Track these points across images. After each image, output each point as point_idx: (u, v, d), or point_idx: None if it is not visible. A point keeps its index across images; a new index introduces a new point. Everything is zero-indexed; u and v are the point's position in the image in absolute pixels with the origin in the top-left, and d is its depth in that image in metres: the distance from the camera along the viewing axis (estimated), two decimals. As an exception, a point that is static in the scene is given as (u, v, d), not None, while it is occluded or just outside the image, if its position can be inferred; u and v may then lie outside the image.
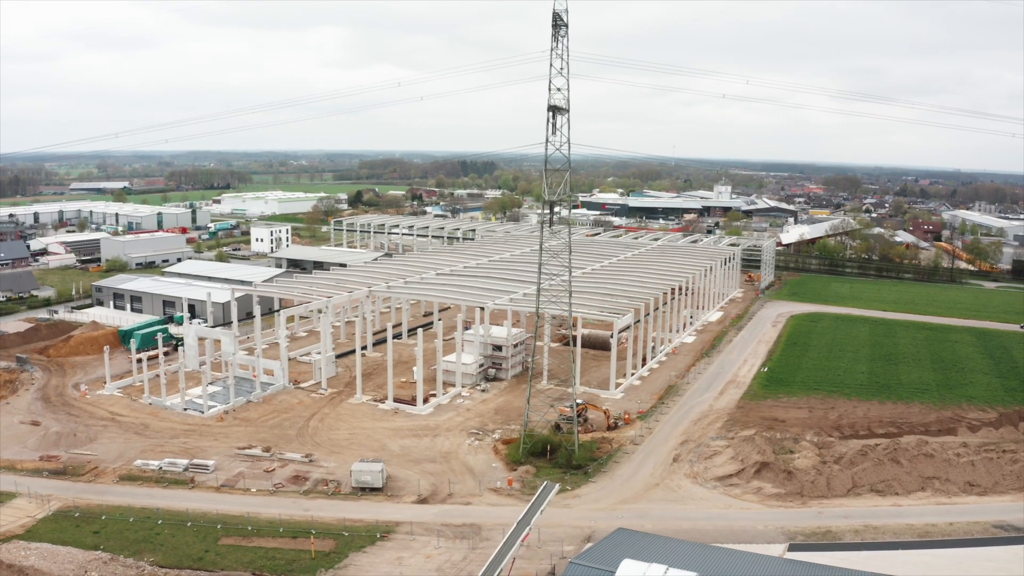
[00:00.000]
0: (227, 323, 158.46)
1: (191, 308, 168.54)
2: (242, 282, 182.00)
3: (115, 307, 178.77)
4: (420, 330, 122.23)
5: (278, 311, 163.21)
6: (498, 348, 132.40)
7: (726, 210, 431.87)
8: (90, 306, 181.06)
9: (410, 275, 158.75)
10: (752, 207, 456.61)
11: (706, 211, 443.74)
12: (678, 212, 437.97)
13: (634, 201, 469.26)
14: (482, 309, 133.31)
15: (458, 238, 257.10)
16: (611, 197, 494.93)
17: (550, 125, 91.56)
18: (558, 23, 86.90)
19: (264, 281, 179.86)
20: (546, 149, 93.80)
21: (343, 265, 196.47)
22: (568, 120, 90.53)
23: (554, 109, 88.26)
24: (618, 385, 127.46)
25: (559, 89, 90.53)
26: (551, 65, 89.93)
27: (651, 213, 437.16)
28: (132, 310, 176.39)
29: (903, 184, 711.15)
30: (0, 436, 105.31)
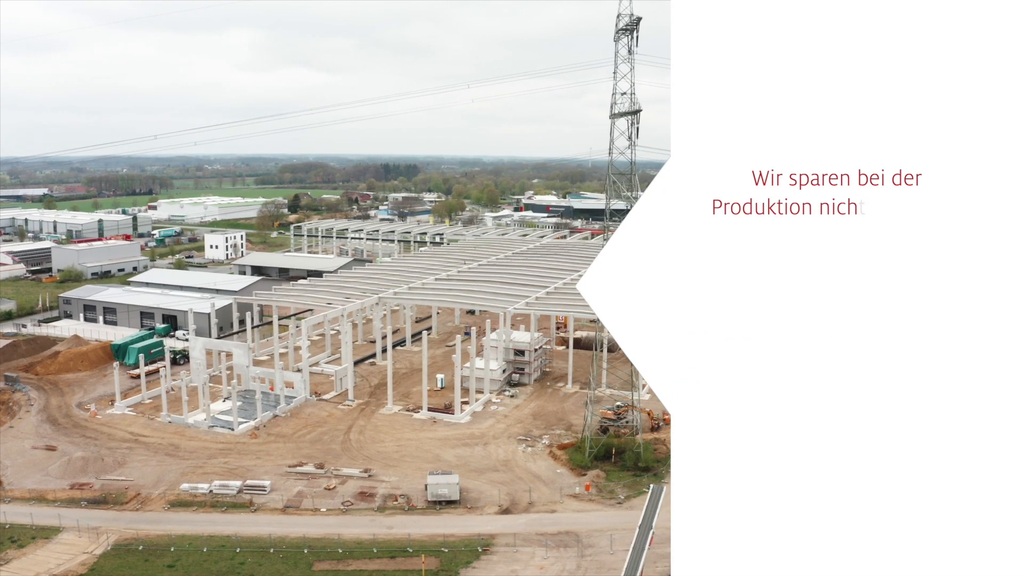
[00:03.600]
0: (228, 334, 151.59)
1: (172, 319, 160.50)
2: (221, 291, 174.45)
3: (86, 319, 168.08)
4: (458, 336, 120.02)
5: (272, 321, 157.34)
6: (520, 353, 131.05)
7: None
8: (57, 319, 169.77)
9: (410, 280, 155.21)
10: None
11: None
12: (621, 213, 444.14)
13: (577, 203, 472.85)
14: (489, 313, 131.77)
15: (424, 242, 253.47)
16: (550, 199, 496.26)
17: (616, 130, 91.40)
18: (632, 28, 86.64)
19: (244, 289, 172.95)
20: (610, 155, 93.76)
21: (314, 272, 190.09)
22: (638, 120, 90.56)
23: (630, 113, 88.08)
24: (643, 385, 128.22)
25: (623, 93, 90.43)
26: (615, 72, 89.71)
27: (596, 214, 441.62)
28: (106, 322, 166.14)
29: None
30: (16, 464, 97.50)
